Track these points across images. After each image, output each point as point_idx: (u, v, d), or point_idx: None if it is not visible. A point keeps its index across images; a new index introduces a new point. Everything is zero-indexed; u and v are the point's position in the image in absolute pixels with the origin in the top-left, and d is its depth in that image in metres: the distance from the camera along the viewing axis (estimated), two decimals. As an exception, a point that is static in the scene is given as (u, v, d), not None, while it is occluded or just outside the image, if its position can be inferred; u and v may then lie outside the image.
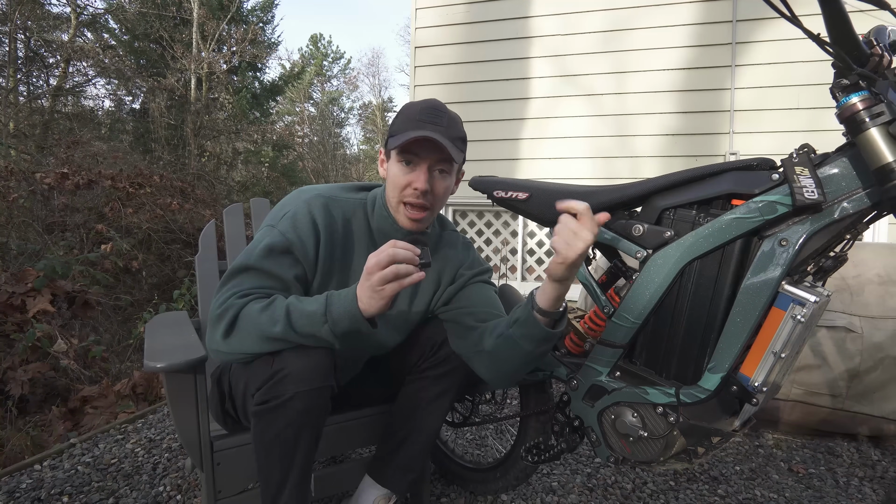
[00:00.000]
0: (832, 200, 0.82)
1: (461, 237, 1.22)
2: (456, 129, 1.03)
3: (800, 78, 3.37)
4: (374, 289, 0.84)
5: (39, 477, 1.56)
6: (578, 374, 1.11)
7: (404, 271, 0.83)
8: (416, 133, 0.95)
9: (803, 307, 0.83)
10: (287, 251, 0.96)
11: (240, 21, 13.40)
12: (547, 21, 3.92)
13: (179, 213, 5.04)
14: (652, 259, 0.98)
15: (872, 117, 0.77)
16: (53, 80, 9.72)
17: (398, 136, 0.98)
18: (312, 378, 0.88)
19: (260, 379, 0.89)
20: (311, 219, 1.00)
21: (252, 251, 0.96)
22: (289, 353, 0.89)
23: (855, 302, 1.76)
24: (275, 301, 0.90)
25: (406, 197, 1.00)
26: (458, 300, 1.14)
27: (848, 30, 0.76)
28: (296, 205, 1.01)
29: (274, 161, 14.13)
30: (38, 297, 2.62)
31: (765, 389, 0.87)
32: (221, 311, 0.89)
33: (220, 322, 0.89)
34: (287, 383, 0.87)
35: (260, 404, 0.88)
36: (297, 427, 0.89)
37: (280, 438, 0.89)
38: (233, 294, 0.91)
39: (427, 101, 1.04)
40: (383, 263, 0.83)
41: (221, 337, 0.89)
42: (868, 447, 1.83)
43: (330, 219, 1.02)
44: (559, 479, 1.55)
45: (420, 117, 0.99)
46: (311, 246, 0.99)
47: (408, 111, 1.03)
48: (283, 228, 0.98)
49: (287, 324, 0.87)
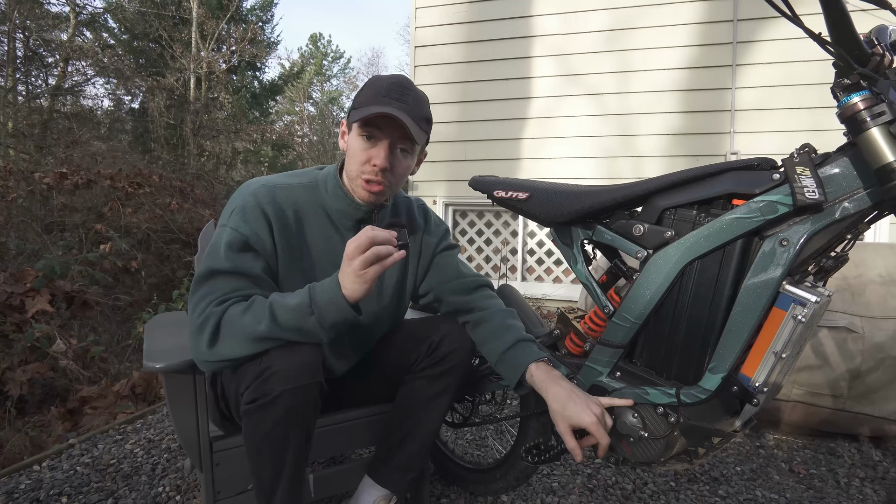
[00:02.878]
0: (833, 200, 0.82)
1: (415, 201, 1.24)
2: (421, 109, 1.01)
3: (802, 77, 3.37)
4: (357, 273, 0.85)
5: (38, 477, 1.56)
6: (579, 374, 1.11)
7: (384, 252, 0.85)
8: (380, 109, 0.95)
9: (804, 307, 0.83)
10: (246, 246, 0.96)
11: (239, 20, 13.40)
12: (548, 20, 3.92)
13: (179, 213, 5.03)
14: (652, 259, 0.98)
15: (873, 117, 0.76)
16: (52, 79, 9.72)
17: (361, 110, 0.97)
18: (299, 375, 0.88)
19: (248, 378, 0.89)
20: (259, 209, 0.98)
21: (214, 254, 0.95)
22: (275, 350, 0.89)
23: (856, 302, 1.76)
24: (255, 301, 0.90)
25: (365, 173, 1.00)
26: (432, 275, 1.20)
27: (849, 29, 0.76)
28: (242, 198, 1.00)
29: (273, 161, 14.13)
30: (36, 298, 2.62)
31: (766, 390, 0.87)
32: (202, 320, 0.89)
33: (203, 332, 0.88)
34: (274, 381, 0.87)
35: (248, 403, 0.88)
36: (286, 425, 0.89)
37: (270, 438, 0.89)
38: (209, 302, 0.90)
39: (395, 76, 1.03)
40: (363, 247, 0.84)
41: (207, 346, 0.88)
42: (869, 448, 1.83)
43: (278, 207, 1.01)
44: (559, 480, 1.55)
45: (386, 93, 0.98)
46: (265, 235, 0.98)
47: (374, 85, 1.01)
48: (234, 224, 0.97)
49: (272, 321, 0.87)
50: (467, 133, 4.13)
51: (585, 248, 1.14)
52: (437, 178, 4.17)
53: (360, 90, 1.02)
